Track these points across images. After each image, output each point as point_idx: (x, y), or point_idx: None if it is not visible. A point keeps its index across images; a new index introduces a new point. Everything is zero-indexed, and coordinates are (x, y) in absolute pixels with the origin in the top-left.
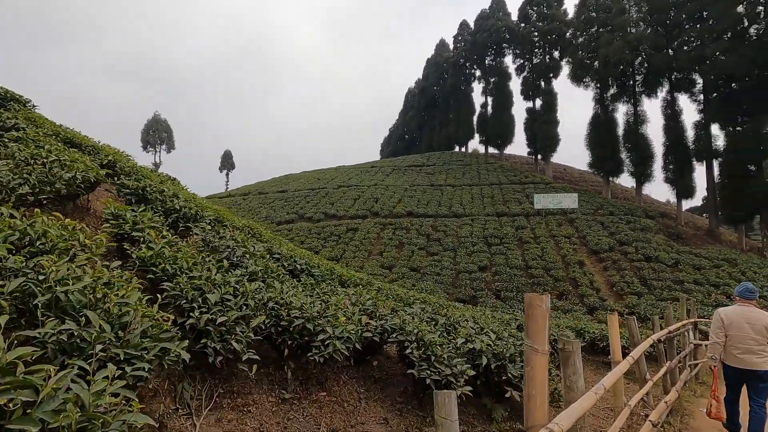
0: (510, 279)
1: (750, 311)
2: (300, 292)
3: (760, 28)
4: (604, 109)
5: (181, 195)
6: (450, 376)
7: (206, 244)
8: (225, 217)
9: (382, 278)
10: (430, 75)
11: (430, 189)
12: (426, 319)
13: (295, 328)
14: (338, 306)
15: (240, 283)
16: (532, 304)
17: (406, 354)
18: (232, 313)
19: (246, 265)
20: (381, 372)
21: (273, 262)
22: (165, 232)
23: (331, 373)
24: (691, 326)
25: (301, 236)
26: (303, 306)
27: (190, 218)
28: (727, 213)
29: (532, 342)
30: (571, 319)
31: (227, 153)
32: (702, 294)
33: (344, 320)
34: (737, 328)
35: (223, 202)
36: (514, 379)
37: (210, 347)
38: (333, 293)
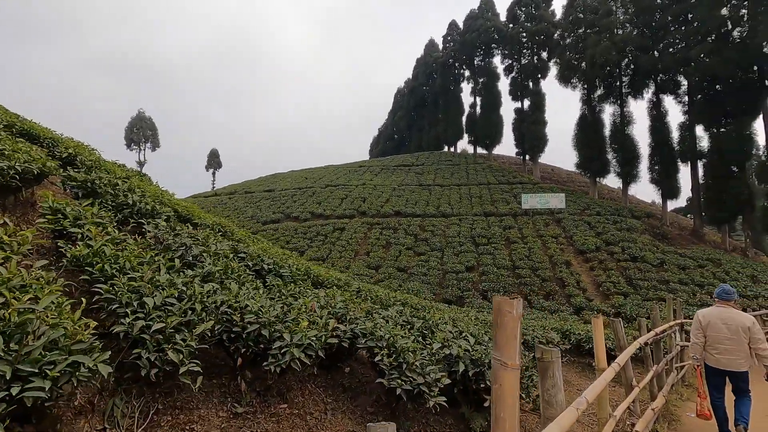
0: (497, 279)
1: (727, 312)
2: (261, 295)
3: (743, 31)
4: (591, 110)
5: (148, 191)
6: (423, 385)
7: (158, 242)
8: (194, 215)
9: (368, 279)
10: (419, 75)
11: (419, 189)
12: (402, 323)
13: (249, 335)
14: (302, 309)
15: (189, 284)
16: (501, 310)
17: (376, 361)
18: (173, 318)
19: (203, 264)
20: (353, 380)
21: (236, 262)
22: (110, 229)
23: (295, 383)
24: (678, 327)
25: (287, 236)
26: (260, 310)
27: (145, 214)
28: (711, 213)
29: (501, 355)
30: (558, 320)
31: (213, 152)
32: (687, 294)
33: (306, 325)
34: (715, 329)
35: (209, 201)
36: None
37: (144, 358)
38: (301, 295)
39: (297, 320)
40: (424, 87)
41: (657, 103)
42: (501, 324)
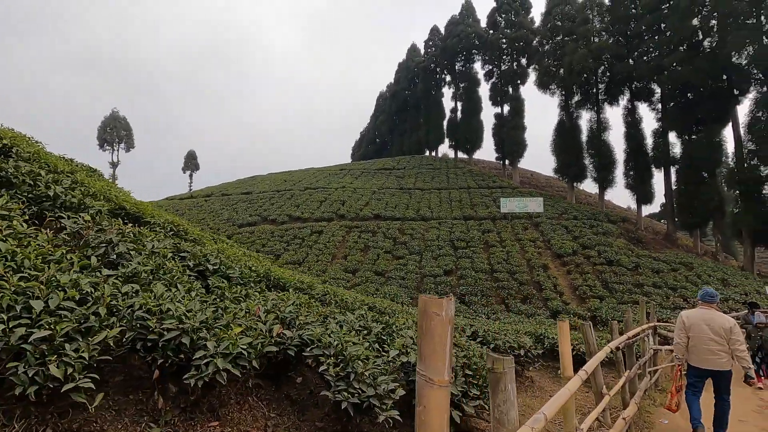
0: (475, 283)
1: (710, 314)
2: (193, 298)
3: (713, 41)
4: (569, 116)
5: (94, 187)
6: (373, 398)
7: (78, 239)
8: (145, 213)
9: (344, 283)
10: (401, 79)
11: (399, 192)
12: (358, 328)
13: (168, 343)
14: (241, 314)
15: (99, 285)
16: (427, 313)
17: (320, 372)
18: (65, 325)
19: (129, 263)
20: (303, 391)
21: (174, 262)
22: (17, 222)
23: (233, 396)
24: (651, 331)
25: (263, 239)
26: (185, 315)
27: (70, 208)
28: (683, 218)
29: (426, 368)
30: (534, 324)
31: (191, 153)
32: (661, 297)
33: (238, 332)
34: (698, 330)
35: (184, 203)
36: (455, 397)
37: (20, 373)
38: (248, 298)
39: (230, 326)
40: (406, 91)
41: (632, 110)
42: (427, 330)
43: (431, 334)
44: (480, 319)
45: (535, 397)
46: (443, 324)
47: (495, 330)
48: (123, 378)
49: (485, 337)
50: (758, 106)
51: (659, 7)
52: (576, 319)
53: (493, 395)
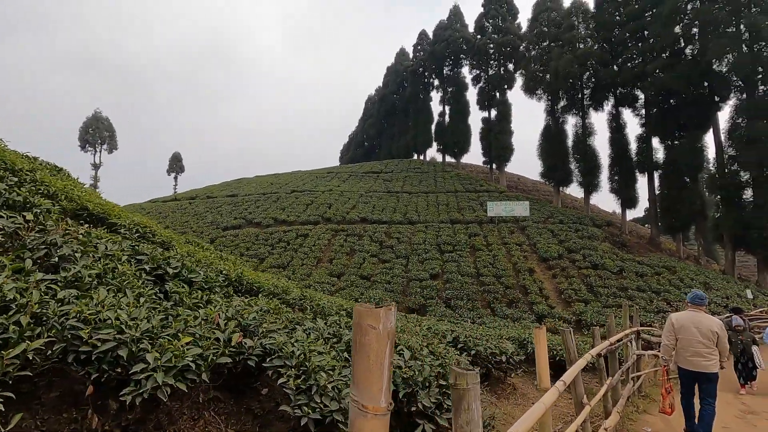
0: (461, 287)
1: (698, 316)
2: (141, 304)
3: (694, 49)
4: (555, 121)
5: (55, 186)
6: (337, 413)
7: (13, 239)
8: (110, 214)
9: (329, 287)
10: (390, 83)
11: (386, 195)
12: (327, 335)
13: (104, 356)
14: (190, 322)
15: (27, 291)
16: (361, 326)
17: (279, 384)
18: None
19: (71, 267)
20: (267, 404)
21: (128, 265)
22: None
23: (186, 411)
24: (634, 335)
25: (247, 242)
26: (125, 324)
27: (13, 207)
28: (666, 222)
29: (358, 393)
30: (520, 328)
31: (176, 155)
32: (644, 300)
33: (187, 342)
34: (686, 332)
35: (167, 206)
36: (428, 408)
37: None
38: (209, 304)
39: (177, 335)
40: (395, 95)
41: (616, 115)
42: (360, 346)
43: (365, 352)
44: (464, 323)
45: (516, 405)
46: (380, 339)
47: (477, 336)
48: (59, 394)
49: (467, 343)
50: (738, 112)
51: (642, 15)
52: (561, 324)
53: (455, 415)
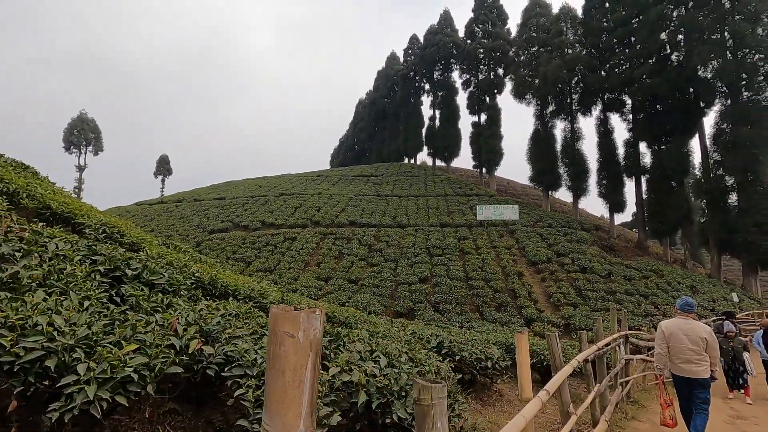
0: (449, 291)
1: (687, 323)
2: (85, 308)
3: (680, 55)
4: (544, 125)
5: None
6: None
7: None
8: (76, 213)
9: (316, 291)
10: (380, 87)
11: (376, 199)
12: None
13: (32, 366)
14: (139, 328)
15: None
16: (276, 333)
17: (236, 396)
18: None
19: (8, 267)
20: (231, 416)
21: (84, 266)
22: None
23: (137, 425)
24: (622, 340)
25: (233, 246)
26: (58, 330)
27: None
28: (653, 226)
29: (271, 420)
30: (508, 332)
31: (163, 158)
32: (632, 304)
33: (131, 350)
34: (676, 339)
35: (153, 209)
36: (403, 420)
37: None
38: (169, 308)
39: (120, 342)
40: (386, 99)
41: (604, 120)
42: (275, 358)
43: (280, 367)
44: (452, 328)
45: (502, 413)
46: (300, 351)
47: (462, 340)
48: None
49: (451, 348)
50: (723, 118)
51: (629, 21)
52: (550, 327)
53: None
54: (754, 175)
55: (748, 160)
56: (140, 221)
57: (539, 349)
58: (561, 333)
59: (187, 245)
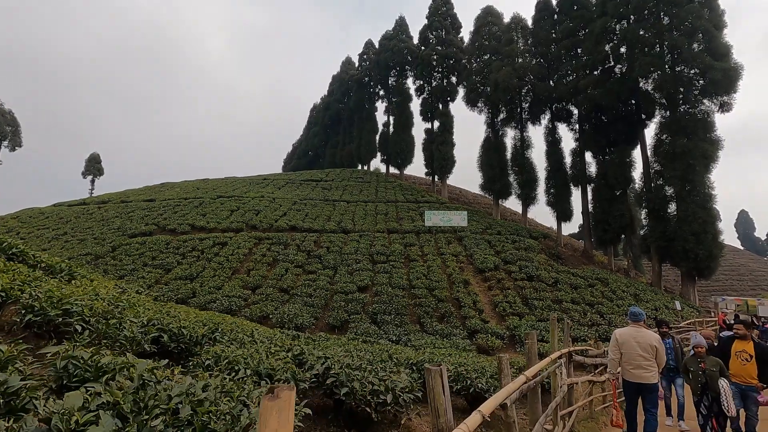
0: (390, 300)
1: (638, 332)
2: None
3: (623, 67)
4: (495, 133)
5: None
6: None
7: None
8: None
9: (240, 301)
10: (335, 91)
11: (322, 203)
12: None
13: None
14: None
15: None
16: None
17: None
18: None
19: None
20: None
21: None
22: None
23: None
24: (565, 359)
25: (154, 251)
26: None
27: None
28: (598, 235)
29: None
30: (448, 346)
31: (94, 156)
32: (578, 313)
33: None
34: (629, 347)
35: (72, 210)
36: None
37: None
38: None
39: None
40: (340, 104)
41: (553, 129)
42: None
43: None
44: (379, 343)
45: None
46: None
47: (358, 365)
48: None
49: (338, 376)
50: (662, 129)
51: (576, 32)
52: (494, 339)
53: None
54: (691, 185)
55: (685, 171)
56: (53, 223)
57: (466, 372)
58: (506, 345)
59: (100, 249)
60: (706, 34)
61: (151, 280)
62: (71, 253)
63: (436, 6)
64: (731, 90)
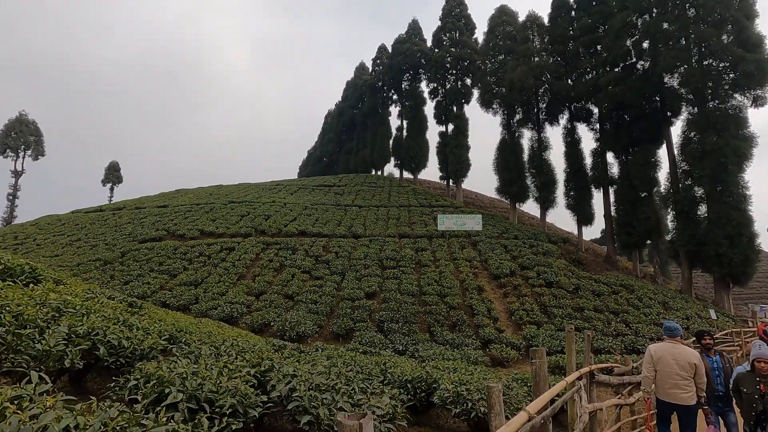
0: (398, 307)
1: (675, 348)
2: None
3: (645, 63)
4: (511, 135)
5: None
6: None
7: None
8: None
9: (244, 308)
10: (349, 97)
11: (333, 208)
12: None
13: None
14: None
15: None
16: None
17: None
18: None
19: None
20: None
21: None
22: None
23: None
24: (586, 380)
25: (162, 256)
26: None
27: None
28: (622, 239)
29: None
30: (459, 357)
31: (113, 164)
32: (602, 322)
33: None
34: (665, 364)
35: (88, 216)
36: None
37: None
38: None
39: None
40: (354, 110)
41: (571, 129)
42: None
43: None
44: (381, 355)
45: None
46: None
47: (333, 384)
48: None
49: (301, 400)
50: (690, 126)
51: (595, 28)
52: (509, 350)
53: None
54: (722, 185)
55: (716, 170)
56: (68, 230)
57: (467, 392)
58: (522, 356)
59: (110, 254)
60: (735, 25)
61: (156, 286)
62: (82, 259)
63: (449, 7)
64: (765, 83)
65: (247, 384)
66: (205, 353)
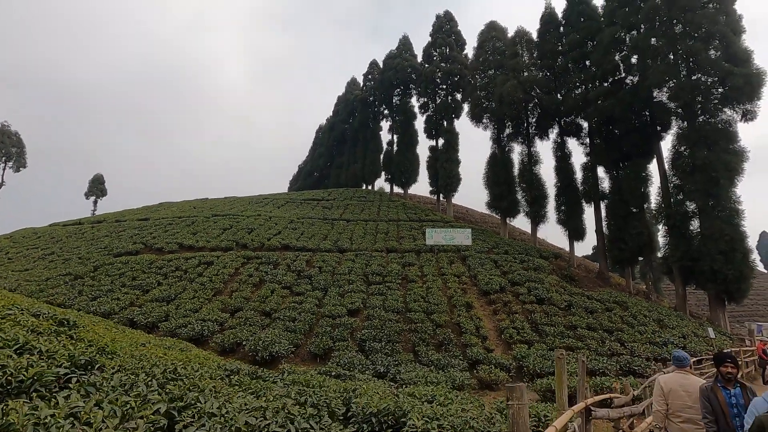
0: (382, 325)
1: (685, 378)
2: None
3: (634, 78)
4: (501, 149)
5: None
6: None
7: None
8: None
9: (216, 325)
10: (340, 112)
11: (320, 222)
12: None
13: None
14: None
15: None
16: None
17: None
18: None
19: None
20: None
21: None
22: None
23: None
24: (581, 416)
25: (136, 270)
26: None
27: None
28: (614, 255)
29: None
30: (443, 380)
31: (97, 177)
32: (596, 341)
33: None
34: (676, 397)
35: (65, 230)
36: None
37: None
38: None
39: None
40: (345, 124)
41: (561, 144)
42: None
43: None
44: (356, 378)
45: None
46: None
47: (264, 425)
48: None
49: None
50: (680, 141)
51: (584, 43)
52: (498, 371)
53: None
54: (715, 200)
55: (708, 184)
56: (43, 243)
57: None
58: (512, 377)
59: (82, 269)
60: (723, 40)
61: (126, 302)
62: (52, 273)
63: (439, 23)
64: (754, 97)
65: (152, 426)
66: (115, 383)
